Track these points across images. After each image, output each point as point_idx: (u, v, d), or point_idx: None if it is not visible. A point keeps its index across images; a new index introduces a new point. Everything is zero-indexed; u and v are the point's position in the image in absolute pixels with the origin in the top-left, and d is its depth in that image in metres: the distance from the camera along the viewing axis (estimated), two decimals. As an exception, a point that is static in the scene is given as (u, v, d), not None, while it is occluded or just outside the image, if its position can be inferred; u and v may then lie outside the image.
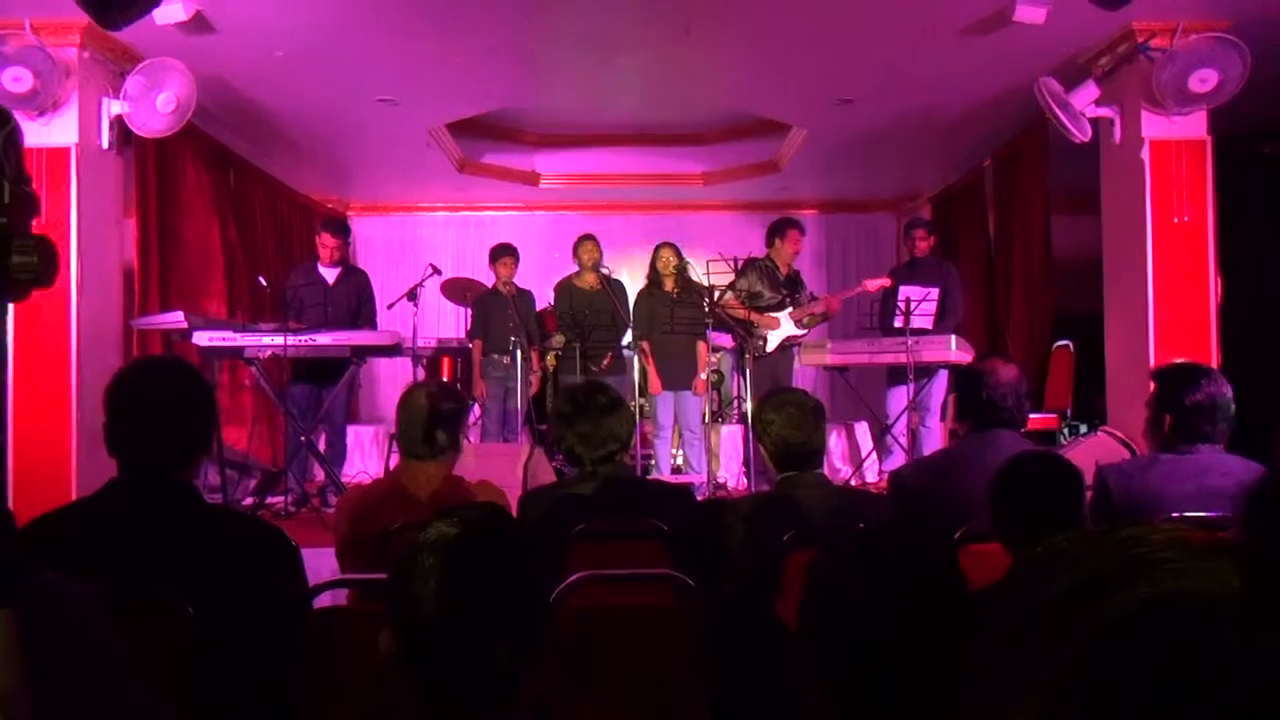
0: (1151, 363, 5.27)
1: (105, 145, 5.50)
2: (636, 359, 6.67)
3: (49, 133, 5.24)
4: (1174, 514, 2.65)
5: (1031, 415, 6.57)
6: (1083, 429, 6.84)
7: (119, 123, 5.54)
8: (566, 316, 6.72)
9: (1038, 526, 2.12)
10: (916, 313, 6.15)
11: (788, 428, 2.81)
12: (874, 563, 1.25)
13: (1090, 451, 4.94)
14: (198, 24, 5.18)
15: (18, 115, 1.12)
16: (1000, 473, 2.25)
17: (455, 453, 2.95)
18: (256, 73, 6.07)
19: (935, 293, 6.31)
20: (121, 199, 5.86)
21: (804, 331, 6.66)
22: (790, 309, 6.57)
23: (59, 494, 4.77)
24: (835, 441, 7.67)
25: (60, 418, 5.17)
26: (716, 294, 6.31)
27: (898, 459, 6.40)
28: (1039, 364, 7.25)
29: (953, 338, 6.18)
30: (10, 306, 1.10)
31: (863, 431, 7.82)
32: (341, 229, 6.68)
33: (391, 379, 9.60)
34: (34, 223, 1.07)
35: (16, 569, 0.93)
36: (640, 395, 6.94)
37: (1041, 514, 2.15)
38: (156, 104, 5.44)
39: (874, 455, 7.13)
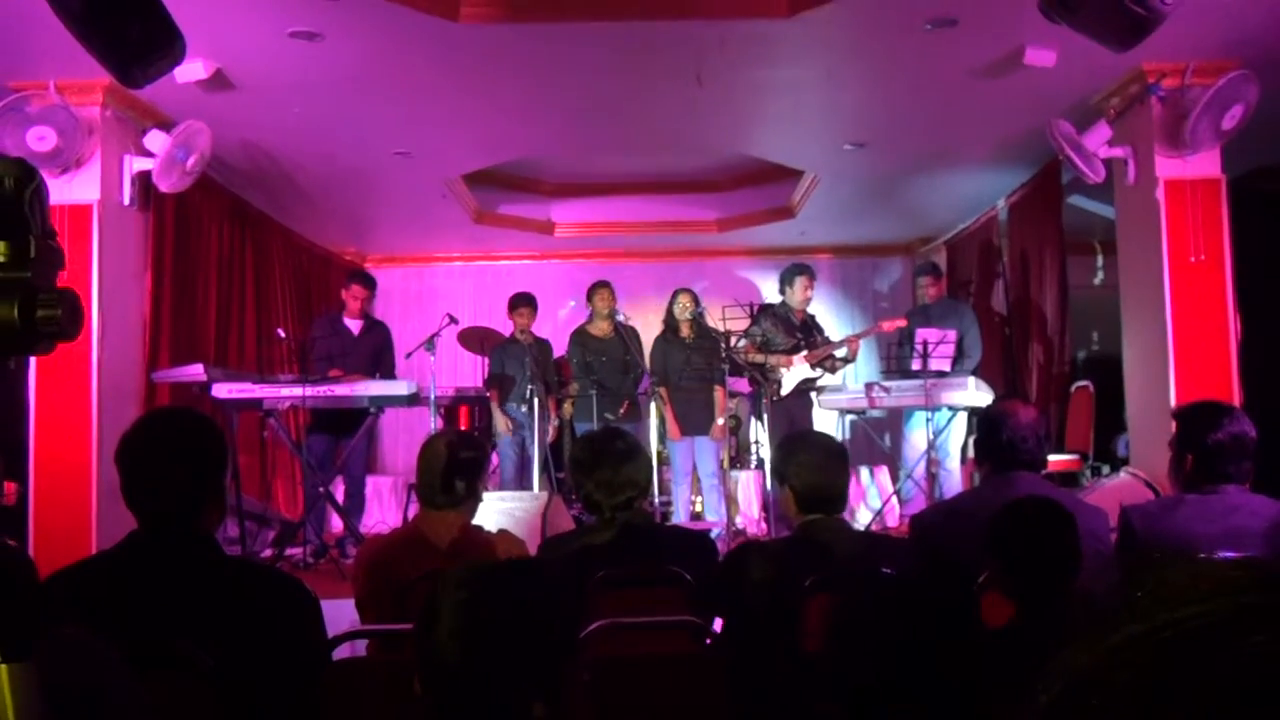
0: (1173, 402, 5.22)
1: (127, 201, 5.57)
2: (653, 405, 6.66)
3: (71, 190, 5.30)
4: (1202, 555, 2.61)
5: (1052, 457, 6.52)
6: (1105, 470, 6.77)
7: (140, 179, 5.62)
8: (580, 364, 6.73)
9: (1038, 572, 2.13)
10: (934, 355, 6.14)
11: (813, 472, 2.78)
12: (893, 608, 1.24)
13: (1114, 493, 4.88)
14: (217, 81, 5.27)
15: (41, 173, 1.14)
16: (998, 519, 2.24)
17: (474, 502, 2.94)
18: (274, 128, 6.16)
19: (953, 335, 6.30)
20: (143, 254, 5.93)
21: (819, 374, 6.64)
22: (805, 352, 6.56)
23: (80, 547, 4.77)
24: (854, 485, 7.62)
25: (81, 471, 5.19)
26: (732, 340, 6.31)
27: (918, 503, 6.34)
28: (1058, 405, 7.20)
29: (971, 379, 6.15)
30: (32, 360, 1.11)
31: (882, 475, 7.77)
32: (371, 281, 6.94)
33: (410, 429, 9.61)
34: (59, 276, 1.08)
35: (37, 621, 0.93)
36: (659, 442, 6.92)
37: (1041, 558, 2.15)
38: (186, 165, 5.54)
39: (894, 499, 7.07)
